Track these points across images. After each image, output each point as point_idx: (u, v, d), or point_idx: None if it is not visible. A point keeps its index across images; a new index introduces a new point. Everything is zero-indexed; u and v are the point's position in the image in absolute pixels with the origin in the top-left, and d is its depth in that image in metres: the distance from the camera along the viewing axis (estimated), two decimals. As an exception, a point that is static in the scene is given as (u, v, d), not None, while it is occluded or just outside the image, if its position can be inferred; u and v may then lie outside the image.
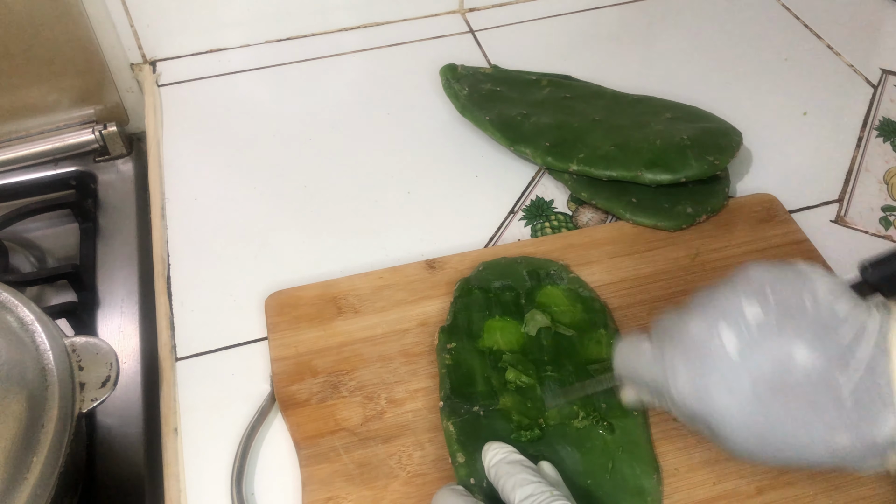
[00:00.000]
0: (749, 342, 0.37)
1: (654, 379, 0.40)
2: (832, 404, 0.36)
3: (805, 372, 0.36)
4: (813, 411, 0.36)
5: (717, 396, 0.37)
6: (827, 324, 0.37)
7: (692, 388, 0.38)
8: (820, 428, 0.36)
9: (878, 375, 0.36)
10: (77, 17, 0.69)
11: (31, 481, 0.41)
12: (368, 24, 0.82)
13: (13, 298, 0.49)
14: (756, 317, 0.37)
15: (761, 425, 0.37)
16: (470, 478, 0.45)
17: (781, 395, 0.36)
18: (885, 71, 0.77)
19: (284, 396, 0.51)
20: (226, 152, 0.69)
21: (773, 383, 0.37)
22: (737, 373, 0.37)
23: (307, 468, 0.47)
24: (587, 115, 0.66)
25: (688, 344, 0.39)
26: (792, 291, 0.38)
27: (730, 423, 0.37)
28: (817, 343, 0.36)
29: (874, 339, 0.36)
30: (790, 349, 0.37)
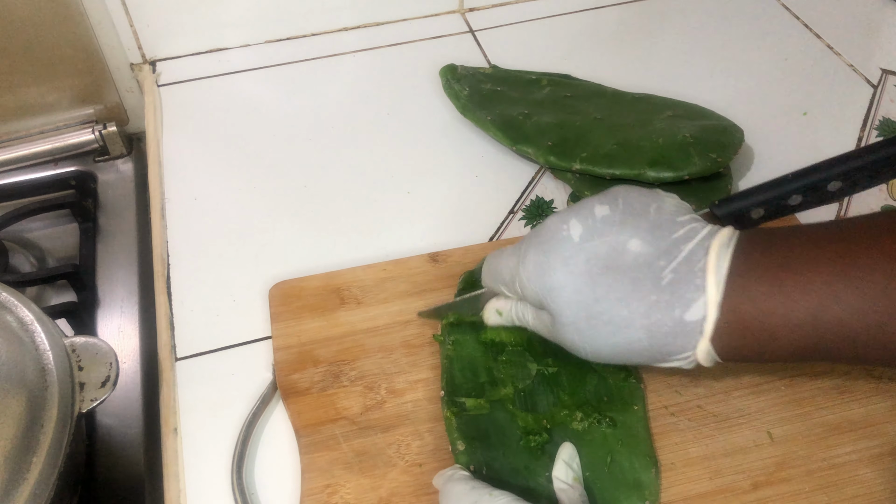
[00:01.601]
0: (591, 231, 0.42)
1: (509, 269, 0.45)
2: (652, 285, 0.40)
3: (633, 257, 0.41)
4: (634, 289, 0.40)
5: (555, 271, 0.42)
6: (663, 225, 0.41)
7: (536, 266, 0.43)
8: (638, 304, 0.40)
9: (694, 266, 0.40)
10: (77, 17, 0.69)
11: (31, 481, 0.41)
12: (368, 24, 0.82)
13: (13, 298, 0.49)
14: (603, 213, 0.43)
15: (589, 297, 0.41)
16: (470, 465, 0.46)
17: (610, 273, 0.41)
18: (885, 71, 0.77)
19: (286, 385, 0.51)
20: (226, 152, 0.69)
21: (606, 264, 0.41)
22: (575, 252, 0.42)
23: (307, 456, 0.48)
24: (588, 114, 0.66)
25: (541, 234, 0.44)
26: (642, 201, 0.43)
27: (562, 295, 0.42)
28: (650, 237, 0.41)
29: (700, 239, 0.41)
30: (626, 239, 0.41)
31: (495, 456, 0.47)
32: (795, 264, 0.38)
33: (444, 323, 0.53)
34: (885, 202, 0.65)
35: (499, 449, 0.47)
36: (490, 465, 0.46)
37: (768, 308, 0.38)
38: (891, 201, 0.65)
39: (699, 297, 0.39)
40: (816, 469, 0.47)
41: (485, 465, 0.46)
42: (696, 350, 0.40)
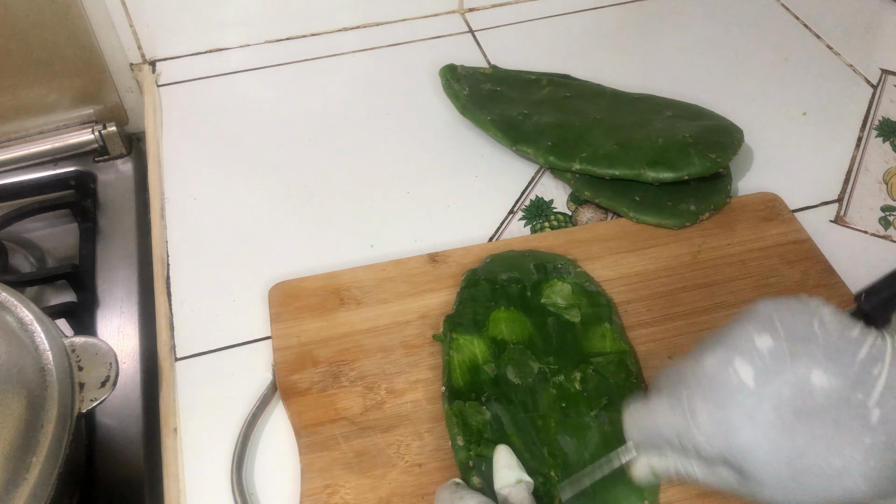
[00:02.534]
0: (764, 370, 0.37)
1: (672, 427, 0.39)
2: (859, 425, 0.35)
3: (825, 393, 0.36)
4: (840, 433, 0.35)
5: (741, 428, 0.37)
6: (839, 347, 0.37)
7: (714, 424, 0.37)
8: (850, 451, 0.35)
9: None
10: (77, 17, 0.69)
11: (31, 481, 0.41)
12: (368, 24, 0.82)
13: (13, 298, 0.48)
14: (768, 346, 0.37)
15: (789, 452, 0.36)
16: (469, 461, 0.46)
17: (805, 418, 0.36)
18: (884, 71, 0.77)
19: (286, 385, 0.51)
20: (226, 152, 0.69)
21: (795, 408, 0.36)
22: (757, 401, 0.36)
23: (306, 456, 0.48)
24: (588, 114, 0.66)
25: (704, 383, 0.38)
26: (800, 320, 0.38)
27: (757, 454, 0.37)
28: (831, 365, 0.36)
29: (890, 357, 0.36)
30: (806, 372, 0.36)
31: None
32: None
33: (444, 319, 0.53)
34: (885, 202, 0.65)
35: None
36: (489, 461, 0.46)
37: None
38: (890, 201, 0.65)
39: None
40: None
41: (483, 462, 0.46)
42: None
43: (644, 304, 0.56)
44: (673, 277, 0.57)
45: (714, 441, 0.37)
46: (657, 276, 0.57)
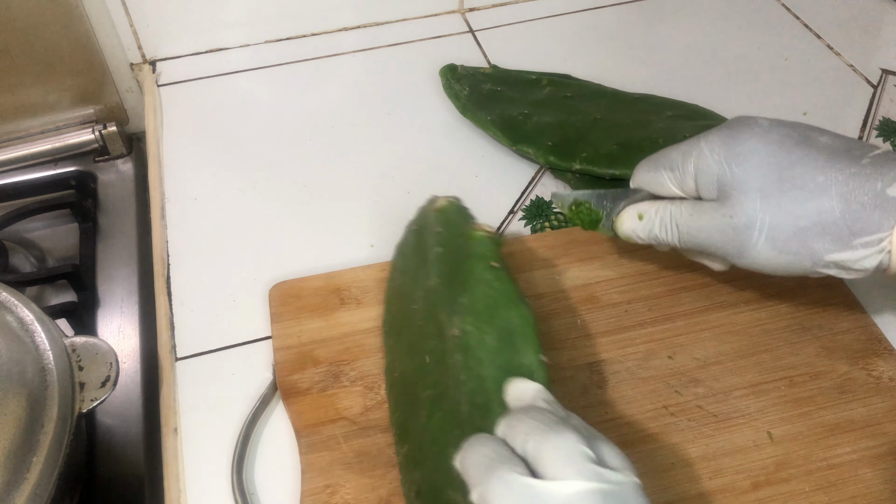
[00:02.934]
0: (779, 122, 0.42)
1: (681, 150, 0.44)
2: (850, 161, 0.38)
3: (827, 143, 0.40)
4: (831, 160, 0.39)
5: (746, 140, 0.41)
6: (848, 139, 0.41)
7: (721, 139, 0.41)
8: (835, 173, 0.38)
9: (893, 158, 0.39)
10: (77, 17, 0.69)
11: (31, 481, 0.41)
12: (368, 24, 0.82)
13: (13, 298, 0.49)
14: (780, 121, 0.42)
15: (783, 161, 0.39)
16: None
17: (804, 146, 0.40)
18: (885, 71, 0.77)
19: (286, 385, 0.51)
20: (226, 152, 0.69)
21: (798, 140, 0.40)
22: (766, 130, 0.41)
23: (307, 456, 0.48)
24: (588, 114, 0.66)
25: (723, 127, 0.43)
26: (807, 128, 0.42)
27: (752, 160, 0.40)
28: (838, 140, 0.41)
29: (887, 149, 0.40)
30: (817, 134, 0.41)
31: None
32: None
33: (570, 209, 0.50)
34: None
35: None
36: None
37: None
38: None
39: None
40: (816, 469, 0.47)
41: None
42: (894, 232, 0.37)
43: (645, 303, 0.56)
44: (673, 277, 0.57)
45: (716, 150, 0.41)
46: (658, 276, 0.57)
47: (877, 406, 0.50)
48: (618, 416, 0.50)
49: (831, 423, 0.49)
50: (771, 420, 0.49)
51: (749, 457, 0.48)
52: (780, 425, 0.49)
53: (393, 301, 0.54)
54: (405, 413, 0.47)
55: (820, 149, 0.40)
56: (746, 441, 0.48)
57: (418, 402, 0.44)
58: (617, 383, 0.51)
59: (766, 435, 0.49)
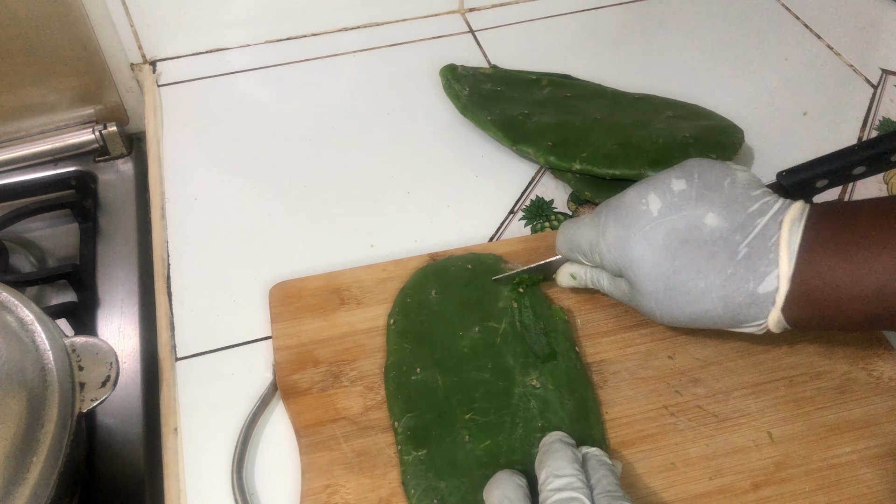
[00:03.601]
0: (669, 205, 0.45)
1: (587, 240, 0.48)
2: (727, 259, 0.43)
3: (710, 231, 0.44)
4: (711, 262, 0.43)
5: (636, 245, 0.45)
6: (738, 200, 0.44)
7: (616, 239, 0.46)
8: (714, 277, 0.43)
9: (768, 241, 0.42)
10: (77, 17, 0.69)
11: (31, 481, 0.41)
12: (368, 24, 0.82)
13: (13, 298, 0.48)
14: (680, 188, 0.45)
15: (668, 270, 0.44)
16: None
17: (688, 247, 0.44)
18: (885, 71, 0.77)
19: (286, 385, 0.51)
20: (226, 152, 0.69)
21: (683, 237, 0.44)
22: (654, 226, 0.45)
23: (307, 456, 0.48)
24: (588, 114, 0.67)
25: (620, 207, 0.47)
26: (716, 175, 0.45)
27: (643, 267, 0.45)
28: (725, 212, 0.44)
29: (773, 213, 0.43)
30: (703, 213, 0.44)
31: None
32: (862, 240, 0.41)
33: (513, 285, 0.55)
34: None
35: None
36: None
37: (836, 281, 0.41)
38: (891, 201, 0.65)
39: (772, 270, 0.42)
40: (816, 469, 0.47)
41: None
42: (768, 319, 0.43)
43: (644, 304, 0.56)
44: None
45: (614, 253, 0.46)
46: (657, 276, 0.57)
47: (877, 406, 0.50)
48: (618, 415, 0.50)
49: (831, 423, 0.49)
50: (771, 420, 0.49)
51: (749, 457, 0.48)
52: (780, 425, 0.49)
53: (415, 308, 0.54)
54: (424, 419, 0.48)
55: (702, 245, 0.43)
56: (746, 441, 0.48)
57: (454, 419, 0.49)
58: (617, 383, 0.51)
59: (766, 435, 0.49)
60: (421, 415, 0.49)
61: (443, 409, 0.49)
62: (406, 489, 0.46)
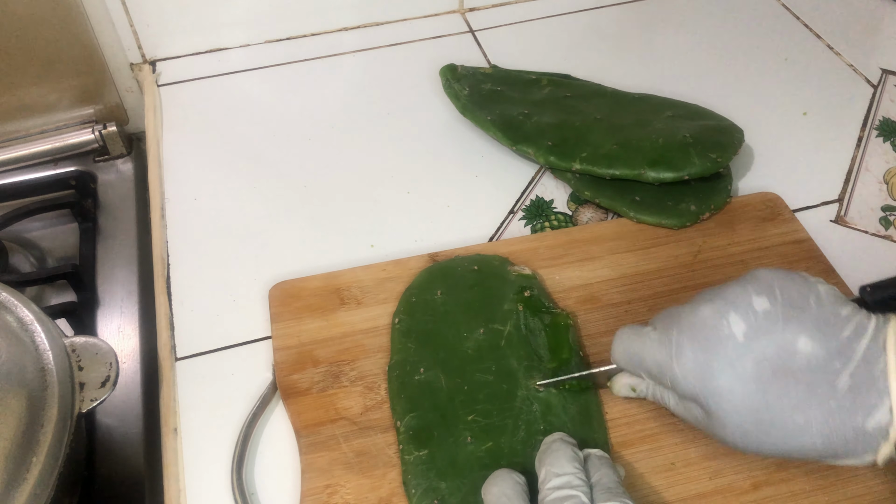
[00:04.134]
0: (756, 328, 0.40)
1: (655, 360, 0.43)
2: (829, 390, 0.38)
3: (805, 359, 0.39)
4: (810, 395, 0.38)
5: (720, 374, 0.40)
6: (829, 321, 0.39)
7: (696, 365, 0.40)
8: (815, 412, 0.38)
9: (873, 368, 0.38)
10: (77, 16, 0.69)
11: (31, 481, 0.41)
12: (368, 24, 0.82)
13: (13, 298, 0.48)
14: (764, 308, 0.40)
15: (759, 404, 0.39)
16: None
17: (781, 377, 0.39)
18: (885, 71, 0.77)
19: (286, 385, 0.51)
20: (226, 152, 0.69)
21: (775, 367, 0.39)
22: (741, 354, 0.40)
23: (307, 456, 0.48)
24: (588, 114, 0.66)
25: (696, 327, 0.41)
26: (798, 291, 0.41)
27: (729, 400, 0.40)
28: (819, 335, 0.39)
29: (871, 335, 0.39)
30: (794, 338, 0.39)
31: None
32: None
33: (561, 386, 0.51)
34: (886, 202, 0.65)
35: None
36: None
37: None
38: (891, 200, 0.65)
39: (883, 402, 0.38)
40: (816, 469, 0.47)
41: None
42: (878, 454, 0.38)
43: (645, 303, 0.56)
44: (673, 277, 0.57)
45: (691, 380, 0.41)
46: (658, 276, 0.57)
47: (877, 406, 0.50)
48: (618, 415, 0.50)
49: (832, 423, 0.49)
50: (771, 420, 0.49)
51: (749, 457, 0.48)
52: (780, 425, 0.49)
53: (420, 308, 0.54)
54: (426, 420, 0.48)
55: (798, 375, 0.39)
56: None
57: (456, 420, 0.49)
58: (617, 383, 0.51)
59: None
60: (423, 415, 0.49)
61: (445, 410, 0.49)
62: (407, 489, 0.46)
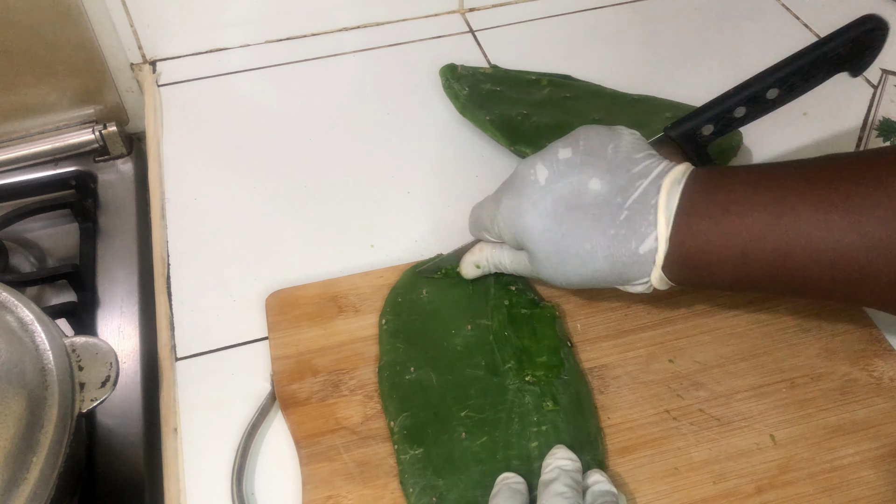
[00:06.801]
0: (556, 173, 0.47)
1: (489, 215, 0.50)
2: (611, 221, 0.45)
3: (594, 196, 0.45)
4: (595, 224, 0.45)
5: (526, 213, 0.47)
6: (622, 164, 0.46)
7: (510, 210, 0.48)
8: (600, 238, 0.45)
9: (647, 203, 0.44)
10: (77, 17, 0.69)
11: (31, 481, 0.41)
12: (368, 24, 0.82)
13: (13, 298, 0.48)
14: (566, 157, 0.47)
15: (556, 235, 0.46)
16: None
17: (574, 211, 0.46)
18: (885, 71, 0.77)
19: (285, 395, 0.51)
20: (226, 152, 0.69)
21: (569, 204, 0.46)
22: (543, 195, 0.46)
23: (307, 467, 0.47)
24: (587, 115, 0.66)
25: (513, 180, 0.49)
26: (600, 142, 0.47)
27: (534, 234, 0.46)
28: (608, 177, 0.45)
29: (654, 177, 0.45)
30: (587, 179, 0.46)
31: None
32: (733, 205, 0.43)
33: (437, 276, 0.56)
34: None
35: None
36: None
37: (707, 244, 0.43)
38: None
39: (651, 231, 0.44)
40: (820, 472, 0.47)
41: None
42: (651, 277, 0.45)
43: (644, 307, 0.55)
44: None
45: (508, 223, 0.48)
46: (658, 277, 0.57)
47: (878, 407, 0.50)
48: (620, 420, 0.50)
49: (833, 424, 0.49)
50: (773, 422, 0.49)
51: (752, 460, 0.48)
52: (782, 428, 0.49)
53: (407, 308, 0.54)
54: (419, 418, 0.48)
55: (587, 209, 0.45)
56: (749, 444, 0.48)
57: (449, 416, 0.49)
58: (618, 388, 0.51)
59: (769, 438, 0.49)
60: (416, 413, 0.49)
61: (438, 408, 0.49)
62: (404, 488, 0.46)
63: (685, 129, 0.51)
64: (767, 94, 0.49)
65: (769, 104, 0.50)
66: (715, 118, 0.50)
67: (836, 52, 0.50)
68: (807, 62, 0.50)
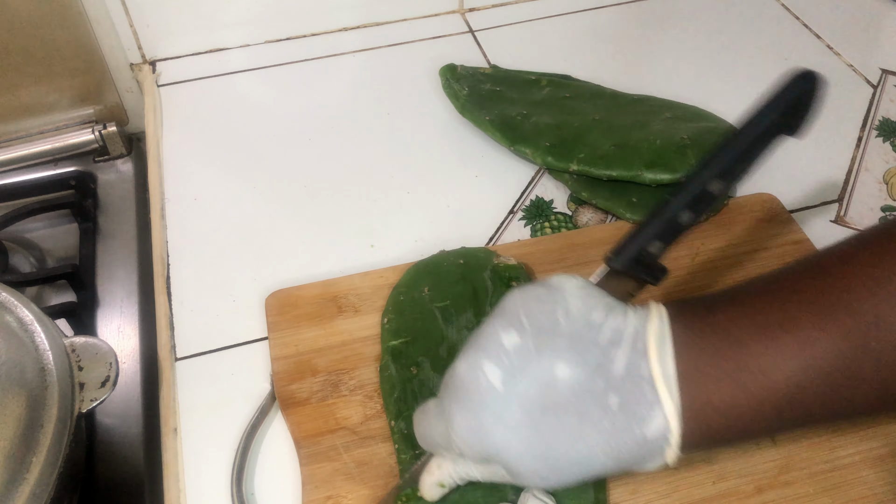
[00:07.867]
0: (511, 370, 0.37)
1: (441, 435, 0.39)
2: (600, 413, 0.36)
3: (568, 386, 0.36)
4: (583, 422, 0.36)
5: (493, 431, 0.37)
6: (582, 335, 0.37)
7: (469, 431, 0.37)
8: (594, 437, 0.36)
9: (637, 377, 0.36)
10: (77, 16, 0.69)
11: (31, 481, 0.41)
12: (368, 24, 0.82)
13: (13, 298, 0.48)
14: (514, 344, 0.37)
15: (539, 446, 0.37)
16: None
17: (551, 413, 0.36)
18: (884, 71, 0.77)
19: (285, 395, 0.51)
20: (226, 152, 0.69)
21: (542, 404, 0.36)
22: (505, 403, 0.37)
23: (307, 467, 0.47)
24: (587, 115, 0.66)
25: (458, 388, 0.38)
26: (544, 311, 0.38)
27: (512, 453, 0.37)
28: (574, 357, 0.36)
29: (630, 341, 0.37)
30: (550, 366, 0.36)
31: None
32: (744, 357, 0.36)
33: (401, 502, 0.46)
34: (885, 202, 0.65)
35: None
36: None
37: (733, 409, 0.36)
38: (891, 201, 0.65)
39: (655, 411, 0.36)
40: (819, 472, 0.47)
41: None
42: (665, 457, 0.37)
43: (644, 304, 0.55)
44: (672, 280, 0.57)
45: (471, 445, 0.38)
46: (657, 277, 0.57)
47: (877, 407, 0.50)
48: (618, 416, 0.50)
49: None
50: (771, 421, 0.49)
51: (752, 460, 0.48)
52: (780, 426, 0.49)
53: (409, 306, 0.54)
54: None
55: (566, 406, 0.36)
56: (749, 444, 0.48)
57: None
58: (617, 384, 0.51)
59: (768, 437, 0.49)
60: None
61: None
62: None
63: (630, 255, 0.41)
64: (710, 188, 0.41)
65: (713, 199, 0.42)
66: (661, 232, 0.41)
67: (773, 124, 0.44)
68: (745, 146, 0.44)
